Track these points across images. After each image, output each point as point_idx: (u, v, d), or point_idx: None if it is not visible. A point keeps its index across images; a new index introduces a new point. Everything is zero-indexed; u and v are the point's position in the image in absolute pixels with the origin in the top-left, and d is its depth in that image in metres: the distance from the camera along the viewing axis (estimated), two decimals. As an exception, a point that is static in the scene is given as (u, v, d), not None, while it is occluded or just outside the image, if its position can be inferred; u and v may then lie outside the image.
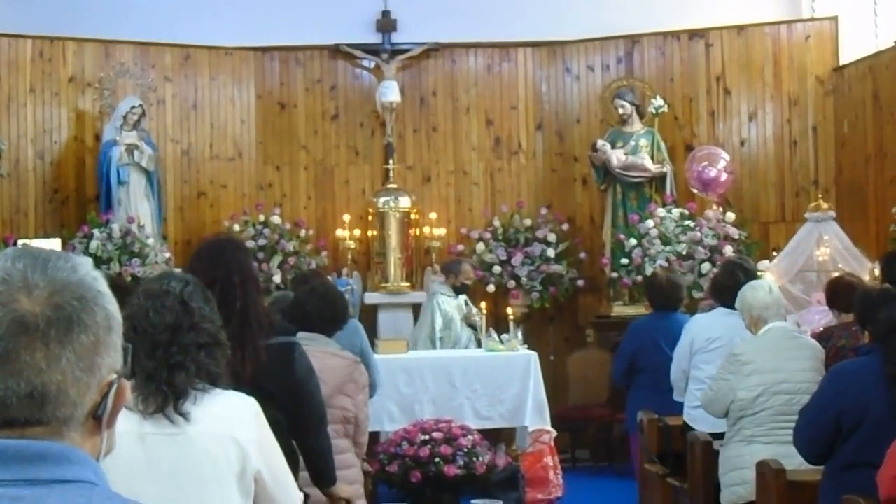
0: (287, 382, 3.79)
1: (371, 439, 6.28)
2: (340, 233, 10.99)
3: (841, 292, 6.28)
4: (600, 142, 10.68)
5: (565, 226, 11.13)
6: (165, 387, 2.71)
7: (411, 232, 11.06)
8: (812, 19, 11.00)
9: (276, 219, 10.82)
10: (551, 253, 10.90)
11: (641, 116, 10.76)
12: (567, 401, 10.46)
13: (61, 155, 10.50)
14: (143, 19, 10.87)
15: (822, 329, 6.64)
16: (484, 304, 9.48)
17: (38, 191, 10.34)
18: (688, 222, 10.11)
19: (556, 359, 10.82)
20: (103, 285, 1.36)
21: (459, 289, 9.33)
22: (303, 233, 10.95)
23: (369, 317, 10.47)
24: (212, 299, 2.93)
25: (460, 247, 11.11)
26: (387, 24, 11.34)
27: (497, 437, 8.58)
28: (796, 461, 4.86)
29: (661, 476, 6.62)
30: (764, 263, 8.74)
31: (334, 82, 11.51)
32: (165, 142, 10.85)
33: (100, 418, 1.34)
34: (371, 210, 11.09)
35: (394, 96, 11.18)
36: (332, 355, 4.95)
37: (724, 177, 10.34)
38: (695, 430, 6.20)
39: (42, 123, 10.39)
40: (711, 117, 11.01)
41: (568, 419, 9.99)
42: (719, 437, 5.72)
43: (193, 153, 11.13)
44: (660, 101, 10.61)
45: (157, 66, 10.93)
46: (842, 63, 10.58)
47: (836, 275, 7.34)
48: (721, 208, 10.26)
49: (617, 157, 10.55)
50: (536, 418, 8.54)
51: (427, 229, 11.07)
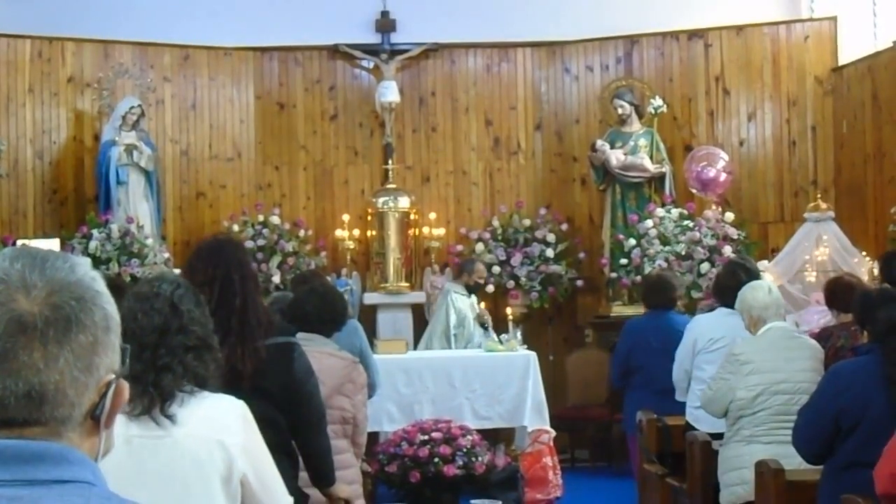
0: (286, 382, 3.79)
1: (370, 439, 6.29)
2: (339, 233, 10.98)
3: (840, 292, 6.28)
4: (599, 142, 10.68)
5: (564, 226, 11.13)
6: (152, 388, 2.69)
7: (410, 232, 11.05)
8: (811, 20, 11.00)
9: (276, 219, 10.82)
10: (550, 253, 10.90)
11: (640, 116, 10.76)
12: (566, 401, 10.46)
13: (60, 155, 10.50)
14: (142, 19, 10.86)
15: (821, 329, 6.64)
16: (483, 305, 9.49)
17: (37, 191, 10.33)
18: (687, 222, 10.11)
19: (555, 359, 10.81)
20: (101, 285, 1.36)
21: (472, 287, 9.36)
22: (302, 233, 10.95)
23: (368, 317, 10.46)
24: (203, 303, 2.91)
25: (459, 247, 11.11)
26: (386, 24, 11.33)
27: (496, 438, 8.59)
28: (795, 461, 4.86)
29: (660, 476, 6.62)
30: (763, 263, 8.73)
31: (333, 82, 11.51)
32: (164, 142, 10.85)
33: (98, 418, 1.34)
34: (370, 210, 11.08)
35: (393, 96, 11.17)
36: (330, 355, 4.95)
37: (723, 177, 10.34)
38: (697, 430, 6.20)
39: (41, 124, 10.38)
40: (710, 117, 11.00)
41: (567, 419, 10.00)
42: (721, 437, 5.72)
43: (192, 153, 11.12)
44: (659, 102, 10.62)
45: (156, 67, 10.93)
46: (841, 63, 10.58)
47: (834, 275, 7.34)
48: (720, 208, 10.26)
49: (616, 157, 10.55)
50: (535, 418, 8.54)
51: (426, 229, 11.07)
